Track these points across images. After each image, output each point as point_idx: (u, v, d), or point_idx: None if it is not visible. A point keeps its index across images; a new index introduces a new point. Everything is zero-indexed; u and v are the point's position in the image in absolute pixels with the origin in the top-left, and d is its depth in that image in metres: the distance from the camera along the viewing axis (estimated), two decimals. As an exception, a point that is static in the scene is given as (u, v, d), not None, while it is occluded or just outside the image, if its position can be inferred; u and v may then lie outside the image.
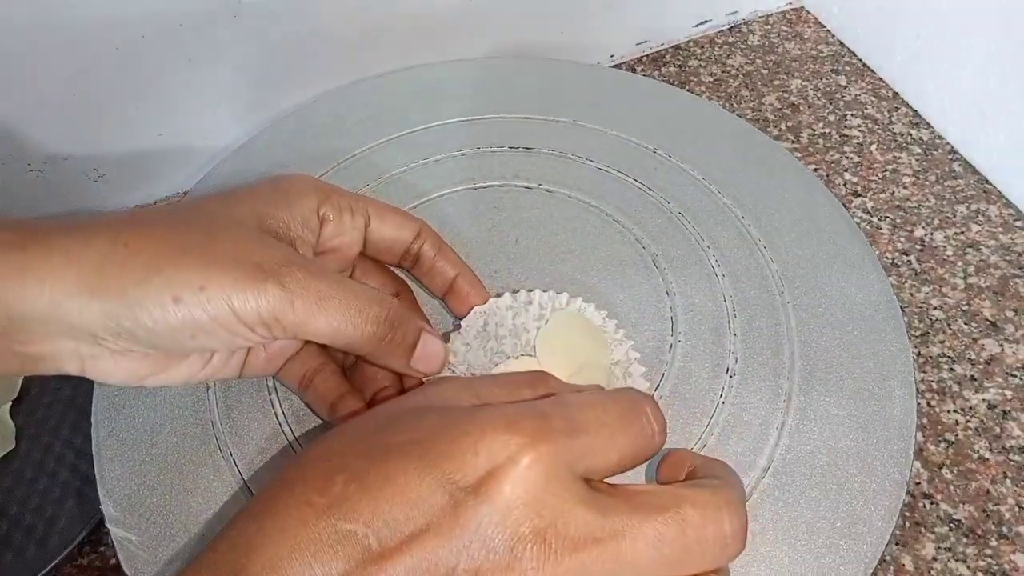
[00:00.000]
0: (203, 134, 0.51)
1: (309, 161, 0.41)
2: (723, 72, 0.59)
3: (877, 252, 0.47)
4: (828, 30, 0.61)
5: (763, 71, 0.59)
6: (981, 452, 0.40)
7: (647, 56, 0.60)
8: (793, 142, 0.54)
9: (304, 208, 0.29)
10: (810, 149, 0.53)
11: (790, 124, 0.55)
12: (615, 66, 0.60)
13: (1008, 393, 0.42)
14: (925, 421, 0.41)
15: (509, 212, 0.39)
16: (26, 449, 0.39)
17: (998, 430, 0.41)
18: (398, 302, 0.29)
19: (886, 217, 0.50)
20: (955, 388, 0.42)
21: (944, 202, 0.50)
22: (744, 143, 0.42)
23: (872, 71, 0.58)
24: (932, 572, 0.36)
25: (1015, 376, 0.42)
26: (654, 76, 0.58)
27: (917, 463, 0.39)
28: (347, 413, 0.30)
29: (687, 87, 0.57)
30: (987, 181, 0.51)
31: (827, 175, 0.52)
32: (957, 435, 0.41)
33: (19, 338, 0.24)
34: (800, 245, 0.38)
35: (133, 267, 0.24)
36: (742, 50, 0.60)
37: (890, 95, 0.57)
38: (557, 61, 0.49)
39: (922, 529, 0.38)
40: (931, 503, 0.38)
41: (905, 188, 0.51)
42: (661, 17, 0.59)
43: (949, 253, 0.48)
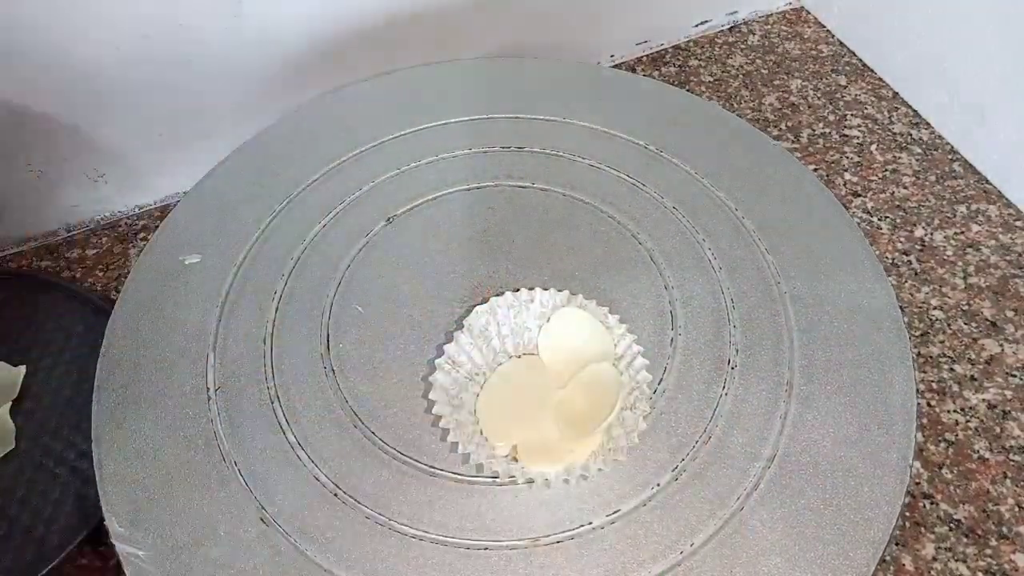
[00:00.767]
0: (203, 134, 0.51)
1: (306, 162, 0.41)
2: (723, 72, 0.59)
3: (877, 252, 0.47)
4: (828, 30, 0.61)
5: (763, 71, 0.59)
6: (981, 452, 0.40)
7: (647, 56, 0.60)
8: (793, 142, 0.54)
9: None
10: (810, 149, 0.53)
11: (790, 124, 0.55)
12: (615, 66, 0.60)
13: (1008, 393, 0.42)
14: (925, 421, 0.41)
15: (506, 212, 0.39)
16: (26, 449, 0.39)
17: (998, 430, 0.41)
18: None
19: (886, 217, 0.50)
20: (955, 388, 0.42)
21: (944, 202, 0.50)
22: (744, 143, 0.42)
23: (872, 71, 0.58)
24: (932, 572, 0.36)
25: (1015, 376, 0.42)
26: (654, 76, 0.58)
27: (917, 463, 0.39)
28: None
29: (687, 87, 0.57)
30: (987, 181, 0.51)
31: (827, 175, 0.52)
32: (957, 435, 0.41)
33: None
34: (799, 244, 0.38)
35: None
36: (742, 50, 0.60)
37: (890, 95, 0.57)
38: (557, 61, 0.49)
39: (922, 529, 0.38)
40: (931, 503, 0.38)
41: (905, 188, 0.51)
42: (661, 17, 0.60)
43: (949, 253, 0.48)
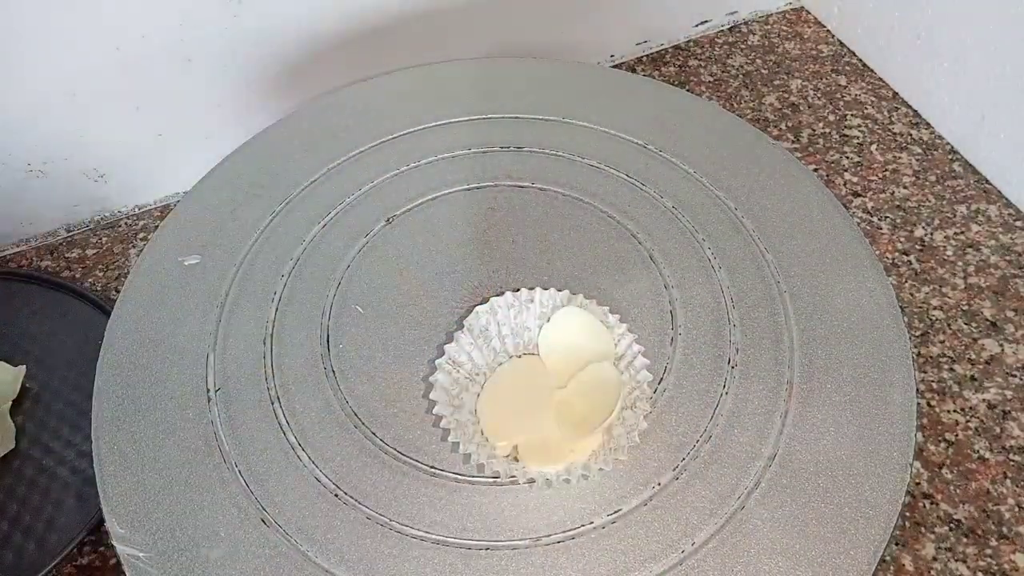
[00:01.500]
0: (203, 134, 0.51)
1: (305, 163, 0.41)
2: (723, 72, 0.59)
3: (877, 252, 0.47)
4: (828, 30, 0.61)
5: (763, 71, 0.59)
6: (981, 452, 0.40)
7: (647, 56, 0.60)
8: (793, 142, 0.54)
9: None
10: (810, 149, 0.53)
11: (790, 124, 0.55)
12: (615, 66, 0.60)
13: (1008, 393, 0.42)
14: (925, 421, 0.41)
15: (506, 212, 0.39)
16: (26, 449, 0.39)
17: (998, 430, 0.41)
18: None
19: (886, 217, 0.50)
20: (955, 388, 0.42)
21: (944, 202, 0.50)
22: (744, 143, 0.42)
23: (872, 71, 0.58)
24: (932, 572, 0.36)
25: (1015, 376, 0.42)
26: (654, 76, 0.58)
27: (917, 463, 0.39)
28: None
29: (687, 87, 0.57)
30: (987, 181, 0.51)
31: (827, 175, 0.52)
32: (957, 435, 0.41)
33: None
34: (799, 244, 0.38)
35: None
36: (742, 50, 0.60)
37: (890, 95, 0.57)
38: (557, 61, 0.49)
39: (922, 529, 0.38)
40: (931, 503, 0.38)
41: (905, 188, 0.51)
42: (661, 17, 0.60)
43: (949, 253, 0.48)
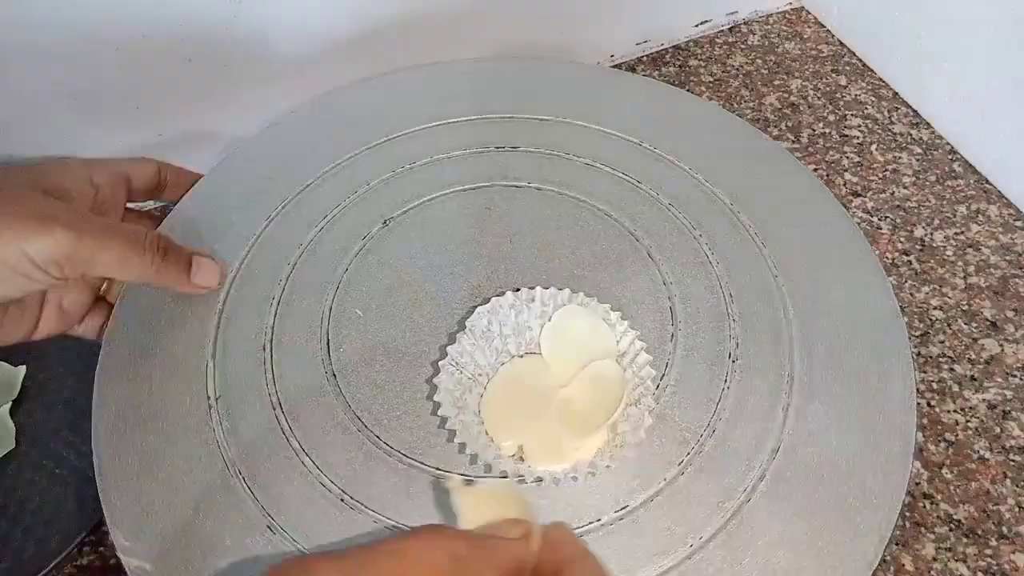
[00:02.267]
0: (203, 134, 0.51)
1: (303, 165, 0.41)
2: (723, 72, 0.59)
3: (877, 252, 0.47)
4: (828, 30, 0.61)
5: (763, 71, 0.59)
6: (981, 452, 0.40)
7: (647, 56, 0.60)
8: (793, 142, 0.54)
9: (78, 178, 0.34)
10: (810, 149, 0.53)
11: (790, 124, 0.55)
12: (615, 66, 0.60)
13: (1008, 393, 0.42)
14: (925, 421, 0.41)
15: (505, 212, 0.39)
16: (26, 449, 0.39)
17: (998, 430, 0.41)
18: (161, 237, 0.33)
19: (886, 217, 0.50)
20: (955, 388, 0.42)
21: (944, 202, 0.50)
22: (744, 143, 0.42)
23: (872, 71, 0.58)
24: (932, 572, 0.36)
25: (1015, 376, 0.42)
26: (654, 76, 0.58)
27: (917, 463, 0.39)
28: None
29: (687, 87, 0.57)
30: (987, 181, 0.51)
31: (827, 175, 0.52)
32: (957, 435, 0.41)
33: None
34: (799, 244, 0.38)
35: None
36: (742, 50, 0.60)
37: (890, 95, 0.57)
38: (557, 61, 0.49)
39: (922, 529, 0.38)
40: (931, 503, 0.38)
41: (905, 188, 0.51)
42: (661, 17, 0.60)
43: (949, 253, 0.48)
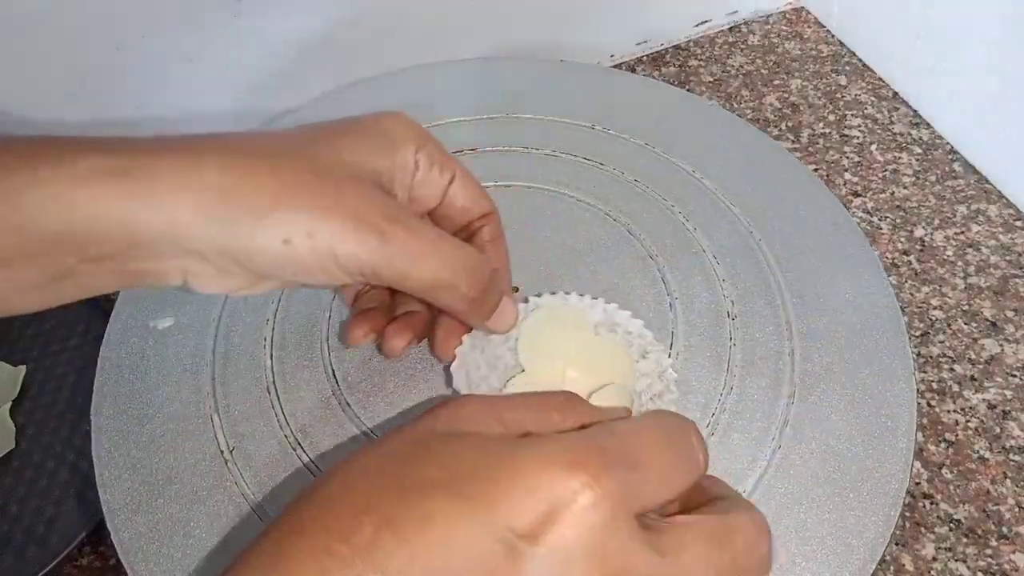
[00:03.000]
0: (203, 134, 0.51)
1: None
2: (723, 72, 0.59)
3: (877, 252, 0.47)
4: (828, 30, 0.61)
5: (763, 71, 0.59)
6: (981, 452, 0.40)
7: (647, 56, 0.60)
8: (793, 142, 0.54)
9: (406, 154, 0.30)
10: (810, 149, 0.54)
11: (790, 124, 0.55)
12: (615, 66, 0.60)
13: (1008, 393, 0.42)
14: (925, 421, 0.41)
15: (504, 212, 0.39)
16: (26, 449, 0.39)
17: (998, 430, 0.41)
18: (490, 266, 0.29)
19: (886, 217, 0.50)
20: (955, 388, 0.42)
21: (944, 202, 0.50)
22: (744, 143, 0.42)
23: (872, 71, 0.58)
24: (932, 572, 0.36)
25: (1015, 376, 0.42)
26: (654, 76, 0.58)
27: (917, 463, 0.39)
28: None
29: (687, 87, 0.57)
30: (987, 181, 0.51)
31: (827, 175, 0.52)
32: (957, 435, 0.41)
33: (134, 256, 0.25)
34: (800, 244, 0.38)
35: (246, 202, 0.25)
36: (742, 50, 0.60)
37: (890, 95, 0.57)
38: (557, 61, 0.49)
39: (922, 529, 0.38)
40: (931, 503, 0.38)
41: (905, 188, 0.51)
42: (661, 17, 0.60)
43: (949, 253, 0.48)
